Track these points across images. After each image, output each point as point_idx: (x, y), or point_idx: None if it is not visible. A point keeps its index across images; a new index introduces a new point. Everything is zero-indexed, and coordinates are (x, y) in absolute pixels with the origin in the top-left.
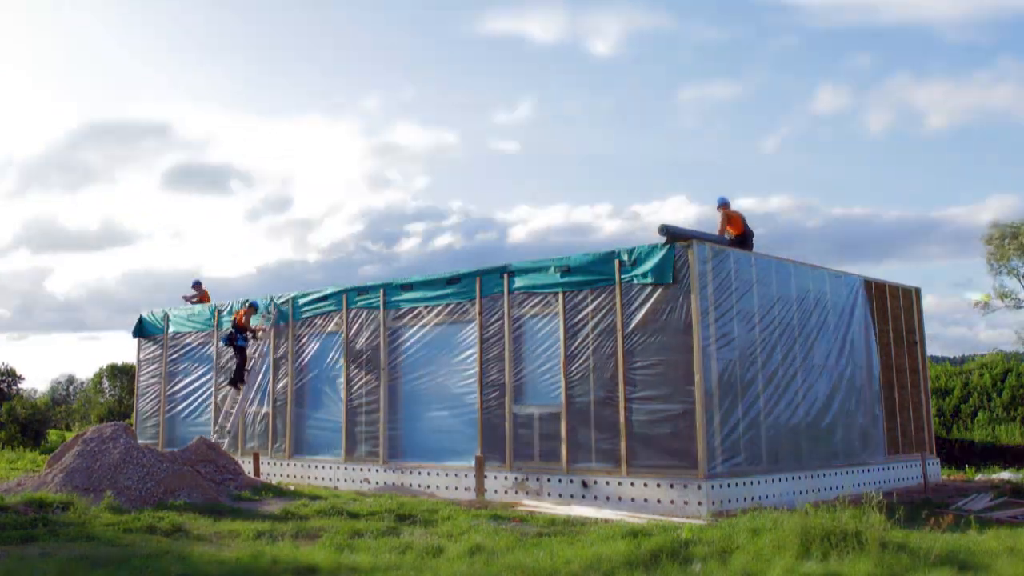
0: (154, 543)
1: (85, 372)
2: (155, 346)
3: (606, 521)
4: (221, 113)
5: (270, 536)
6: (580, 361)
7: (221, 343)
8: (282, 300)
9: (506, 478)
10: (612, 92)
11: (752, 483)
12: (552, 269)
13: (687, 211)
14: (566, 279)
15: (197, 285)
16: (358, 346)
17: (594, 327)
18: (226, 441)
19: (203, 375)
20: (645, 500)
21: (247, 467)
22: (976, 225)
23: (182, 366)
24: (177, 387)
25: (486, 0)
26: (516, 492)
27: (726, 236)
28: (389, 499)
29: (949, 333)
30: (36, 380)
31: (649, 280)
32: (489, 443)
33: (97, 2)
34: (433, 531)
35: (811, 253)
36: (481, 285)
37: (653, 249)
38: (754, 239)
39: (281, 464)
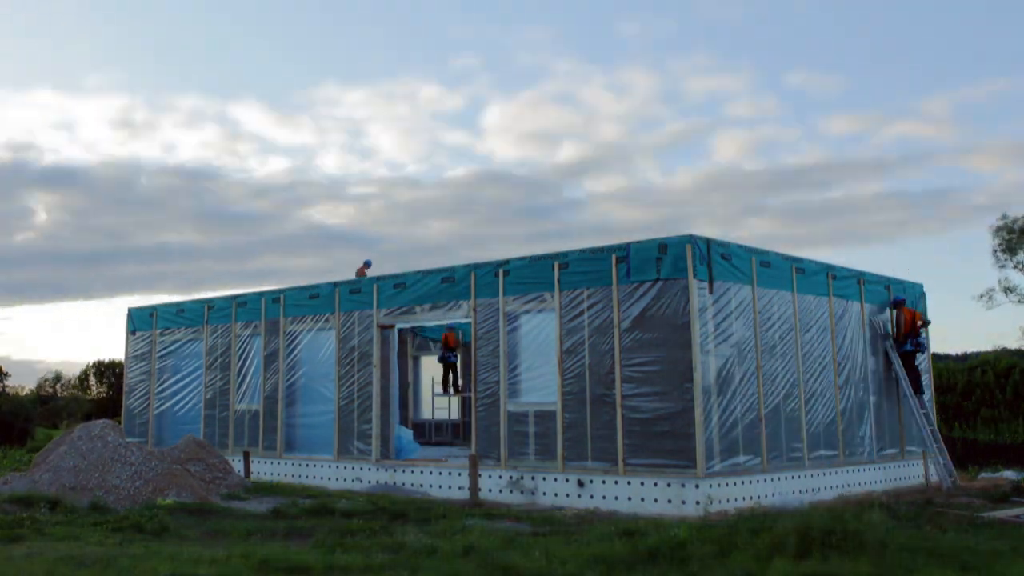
0: (142, 543)
1: (72, 369)
2: (144, 343)
3: (602, 520)
4: None
5: (261, 535)
6: (576, 358)
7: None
8: (273, 296)
9: (500, 477)
10: None
11: (751, 482)
12: (548, 265)
13: None
14: (562, 275)
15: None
16: (350, 343)
17: (590, 323)
18: None
19: (193, 372)
20: (642, 499)
21: (238, 466)
22: None
23: (171, 363)
24: (166, 384)
25: None
26: (511, 491)
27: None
28: (382, 498)
29: (952, 330)
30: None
31: (647, 276)
32: (483, 441)
33: None
34: (427, 530)
35: None
36: (476, 281)
37: (651, 245)
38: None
39: (272, 463)
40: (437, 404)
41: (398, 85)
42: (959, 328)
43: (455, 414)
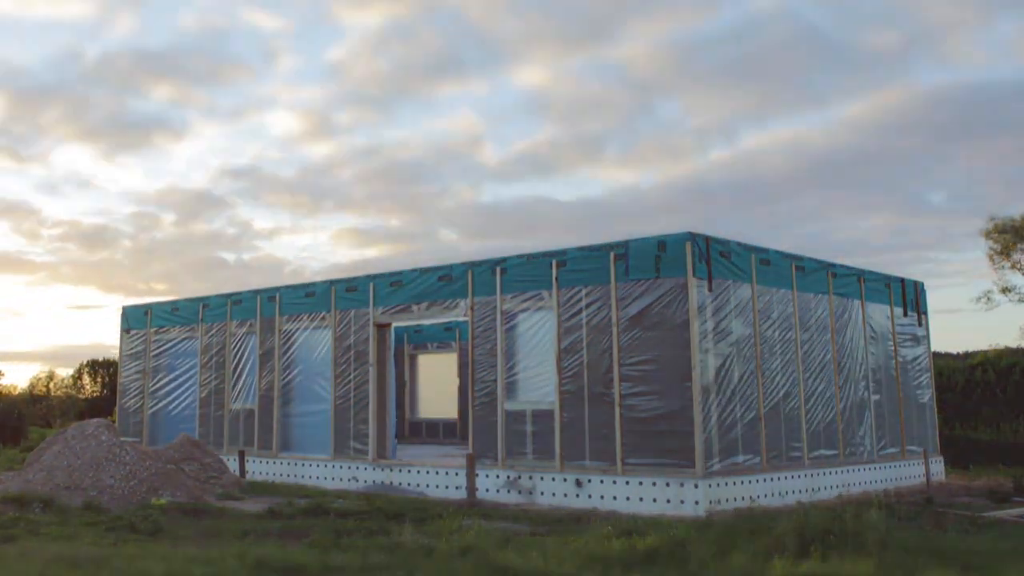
0: (136, 543)
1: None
2: (138, 341)
3: (601, 520)
4: None
5: (256, 536)
6: (574, 357)
7: None
8: (269, 295)
9: (498, 476)
10: None
11: (750, 482)
12: (546, 263)
13: None
14: (561, 273)
15: None
16: (347, 341)
17: (589, 322)
18: None
19: (187, 371)
20: (641, 499)
21: (233, 465)
22: None
23: (166, 362)
24: (161, 383)
25: None
26: (509, 491)
27: None
28: (378, 498)
29: (952, 329)
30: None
31: (646, 274)
32: (481, 441)
33: None
34: (423, 530)
35: None
36: (473, 279)
37: (650, 243)
38: None
39: (268, 462)
40: (435, 403)
41: None
42: (959, 328)
43: (453, 413)
